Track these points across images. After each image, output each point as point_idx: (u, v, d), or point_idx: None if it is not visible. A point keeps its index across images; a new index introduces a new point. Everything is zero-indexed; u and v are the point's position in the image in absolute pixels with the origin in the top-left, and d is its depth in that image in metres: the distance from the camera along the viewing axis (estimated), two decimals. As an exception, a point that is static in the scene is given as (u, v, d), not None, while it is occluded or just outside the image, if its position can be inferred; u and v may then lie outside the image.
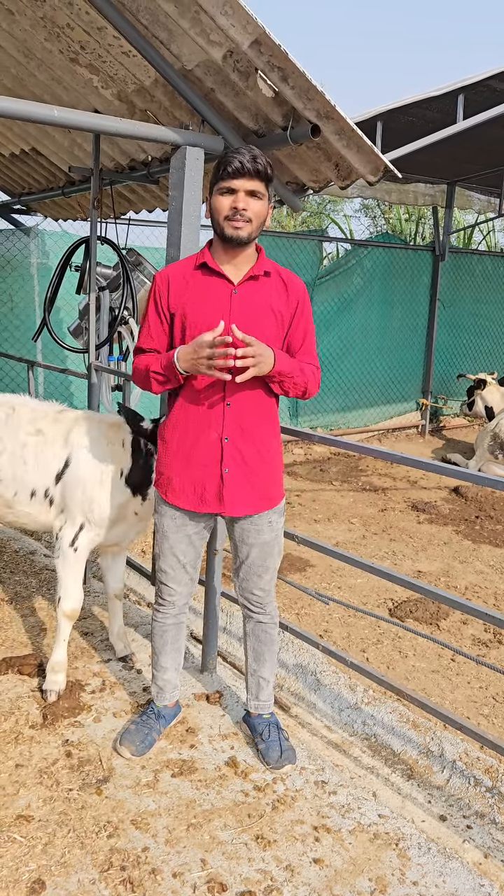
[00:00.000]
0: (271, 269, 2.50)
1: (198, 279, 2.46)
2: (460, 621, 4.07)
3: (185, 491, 2.53)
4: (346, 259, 8.64)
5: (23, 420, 3.18)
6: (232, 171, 2.30)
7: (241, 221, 2.34)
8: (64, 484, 3.07)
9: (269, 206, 2.42)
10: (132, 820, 2.39)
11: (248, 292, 2.44)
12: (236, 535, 2.64)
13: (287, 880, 2.19)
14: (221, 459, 2.47)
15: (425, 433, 9.27)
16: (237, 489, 2.50)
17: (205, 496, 2.51)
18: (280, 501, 2.64)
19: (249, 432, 2.48)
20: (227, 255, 2.44)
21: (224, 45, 2.67)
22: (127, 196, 4.89)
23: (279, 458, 2.63)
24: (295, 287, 2.52)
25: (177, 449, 2.53)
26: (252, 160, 2.29)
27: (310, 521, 5.72)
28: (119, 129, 2.87)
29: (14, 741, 2.76)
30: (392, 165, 2.91)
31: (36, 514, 3.14)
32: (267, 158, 2.35)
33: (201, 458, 2.49)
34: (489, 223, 13.39)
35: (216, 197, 2.36)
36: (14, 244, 6.45)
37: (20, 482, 3.12)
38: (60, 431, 3.14)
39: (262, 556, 2.64)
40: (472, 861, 2.34)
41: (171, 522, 2.61)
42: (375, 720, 3.04)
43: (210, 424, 2.46)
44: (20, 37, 3.21)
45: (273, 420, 2.58)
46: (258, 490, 2.54)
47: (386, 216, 15.05)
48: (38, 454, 3.11)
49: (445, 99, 5.46)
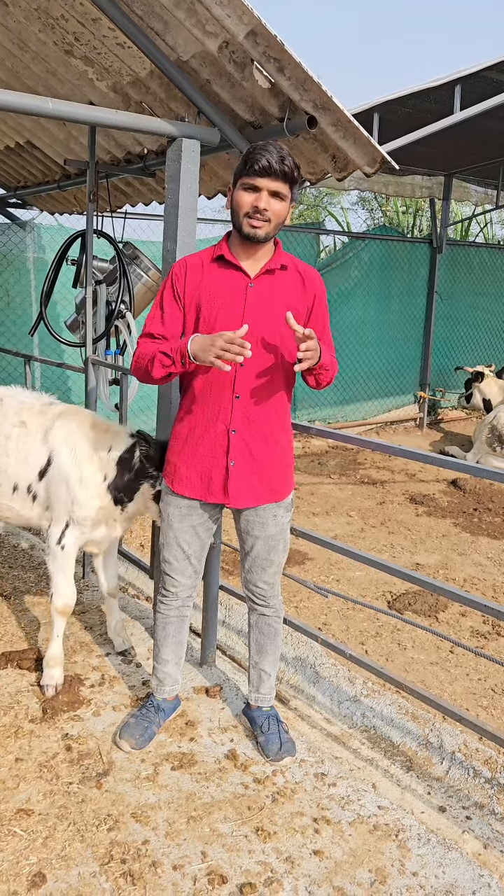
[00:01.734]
0: (288, 262, 2.49)
1: (214, 271, 2.45)
2: (459, 613, 4.08)
3: (191, 480, 2.54)
4: (344, 252, 8.62)
5: (9, 411, 3.16)
6: (259, 170, 2.27)
7: (261, 221, 2.33)
8: (48, 481, 3.04)
9: (290, 206, 2.40)
10: (132, 813, 2.40)
11: (264, 286, 2.43)
12: (241, 526, 2.64)
13: (287, 872, 2.20)
14: (228, 451, 2.47)
15: (423, 426, 9.26)
16: (242, 481, 2.50)
17: (211, 486, 2.51)
18: (287, 496, 2.63)
19: (257, 425, 2.48)
20: (244, 250, 2.43)
21: (220, 36, 2.65)
22: (123, 189, 4.87)
23: (289, 453, 2.62)
24: (311, 280, 2.52)
25: (185, 439, 2.54)
26: (280, 161, 2.26)
27: (308, 515, 5.72)
28: (114, 122, 2.85)
29: (14, 735, 2.77)
30: (389, 157, 2.90)
31: (19, 508, 3.12)
32: (294, 160, 2.32)
33: (208, 449, 2.49)
34: (486, 215, 13.37)
35: (239, 191, 2.34)
36: (10, 238, 6.43)
37: (3, 474, 3.10)
38: (42, 426, 3.10)
39: (266, 549, 2.64)
40: (471, 852, 2.35)
41: (177, 512, 2.61)
42: (375, 712, 3.05)
43: (218, 416, 2.46)
44: (14, 28, 3.19)
45: (283, 414, 2.57)
46: (265, 483, 2.54)
47: (383, 209, 15.02)
48: (20, 447, 3.08)
49: (443, 90, 5.44)
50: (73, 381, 6.71)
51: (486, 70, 5.30)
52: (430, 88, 5.47)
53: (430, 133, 5.20)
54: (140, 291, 4.62)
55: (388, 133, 5.50)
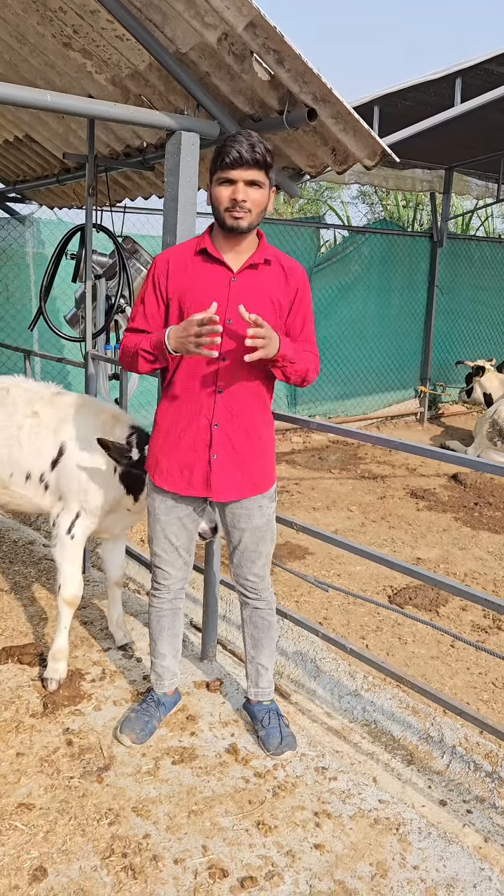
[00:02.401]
0: (272, 256, 2.48)
1: (197, 265, 2.44)
2: (459, 607, 4.08)
3: (171, 474, 2.54)
4: (344, 246, 8.60)
5: (19, 401, 3.19)
6: (230, 162, 2.26)
7: (241, 212, 2.32)
8: (59, 471, 3.08)
9: (269, 191, 2.39)
10: (133, 807, 2.40)
11: (247, 280, 2.42)
12: (227, 519, 2.64)
13: (288, 866, 2.20)
14: (210, 445, 2.47)
15: (424, 420, 9.25)
16: (225, 475, 2.50)
17: (192, 480, 2.51)
18: (270, 487, 2.63)
19: (240, 419, 2.48)
20: (227, 242, 2.42)
21: (219, 28, 2.63)
22: (122, 183, 4.85)
23: (270, 446, 2.62)
24: (295, 274, 2.50)
25: (167, 432, 2.54)
26: (250, 149, 2.25)
27: (309, 509, 5.72)
28: (113, 114, 2.84)
29: (15, 730, 2.77)
30: (389, 150, 2.89)
31: (31, 496, 3.17)
32: (266, 145, 2.31)
33: (190, 443, 2.49)
34: (487, 209, 13.33)
35: (215, 187, 2.34)
36: (9, 233, 6.41)
37: (15, 464, 3.14)
38: (55, 416, 3.14)
39: (253, 541, 2.64)
40: (472, 845, 2.35)
41: (162, 505, 2.61)
42: (375, 706, 3.05)
43: (200, 410, 2.46)
44: (12, 21, 3.17)
45: (264, 407, 2.57)
46: (247, 476, 2.54)
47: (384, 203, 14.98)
48: (33, 437, 3.12)
49: (443, 82, 5.41)
50: (73, 375, 6.70)
51: (487, 62, 5.27)
52: (431, 81, 5.45)
53: (431, 126, 5.17)
54: (140, 285, 4.60)
55: (388, 126, 5.47)
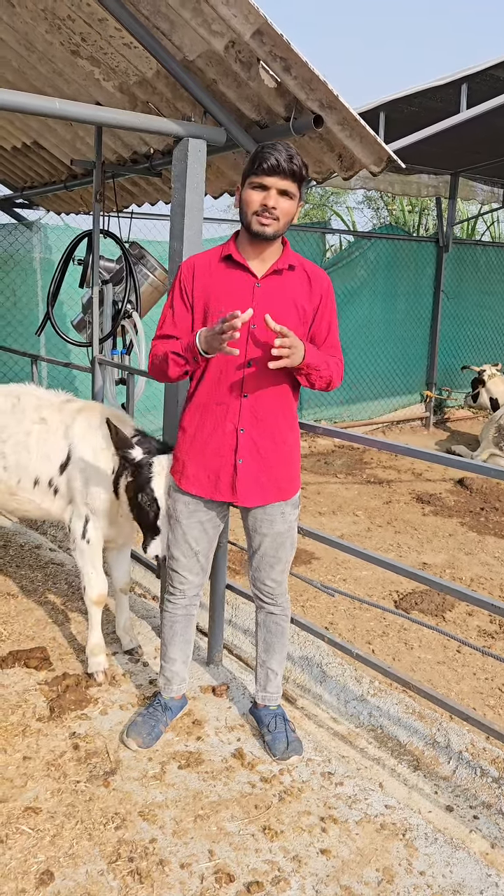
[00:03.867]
0: (296, 262, 2.50)
1: (222, 271, 2.46)
2: (466, 613, 4.07)
3: (198, 478, 2.55)
4: (350, 251, 8.60)
5: (28, 408, 3.23)
6: (267, 168, 2.28)
7: (270, 219, 2.34)
8: (68, 475, 3.12)
9: (298, 204, 2.41)
10: (140, 811, 2.40)
11: (272, 286, 2.44)
12: (249, 524, 2.65)
13: (294, 871, 2.20)
14: (236, 449, 2.48)
15: (430, 425, 9.24)
16: (250, 480, 2.50)
17: (218, 485, 2.52)
18: (294, 494, 2.64)
19: (265, 424, 2.49)
20: (252, 248, 2.44)
21: (226, 36, 2.65)
22: (129, 189, 4.88)
23: (296, 451, 2.63)
24: (319, 281, 2.52)
25: (193, 437, 2.55)
26: (288, 160, 2.28)
27: (315, 514, 5.72)
28: (121, 121, 2.86)
29: (21, 734, 2.78)
30: (395, 155, 2.90)
31: (39, 501, 3.21)
32: (303, 158, 2.33)
33: (216, 448, 2.50)
34: (493, 214, 13.33)
35: (248, 190, 2.35)
36: (17, 238, 6.44)
37: (24, 470, 3.19)
38: (63, 421, 3.18)
39: (274, 546, 2.65)
40: (478, 851, 2.35)
41: (185, 508, 2.62)
42: (381, 711, 3.05)
43: (226, 415, 2.47)
44: (21, 29, 3.20)
45: (290, 413, 2.58)
46: (272, 481, 2.55)
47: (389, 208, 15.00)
48: (42, 443, 3.17)
49: (449, 89, 5.43)
50: (80, 380, 6.72)
51: (493, 68, 5.28)
52: (437, 87, 5.46)
53: (437, 132, 5.19)
54: (146, 291, 4.63)
55: (394, 132, 5.50)
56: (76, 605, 3.85)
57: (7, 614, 3.73)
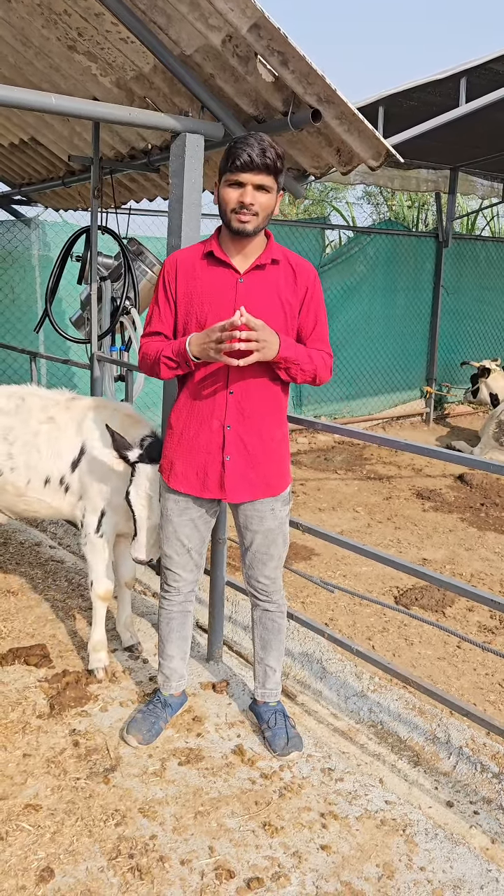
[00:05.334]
0: (280, 256, 2.48)
1: (204, 267, 2.45)
2: (466, 608, 4.07)
3: (187, 476, 2.54)
4: (349, 247, 8.58)
5: (34, 408, 3.24)
6: (241, 165, 2.26)
7: (248, 215, 2.32)
8: (81, 472, 3.13)
9: (277, 196, 2.39)
10: (140, 808, 2.40)
11: (255, 281, 2.43)
12: (240, 521, 2.64)
13: (295, 867, 2.20)
14: (223, 446, 2.47)
15: (430, 421, 9.23)
16: (238, 476, 2.50)
17: (207, 482, 2.52)
18: (284, 490, 2.63)
19: (252, 420, 2.48)
20: (234, 245, 2.43)
21: (223, 30, 2.64)
22: (127, 185, 4.86)
23: (284, 447, 2.62)
24: (304, 274, 2.50)
25: (181, 435, 2.54)
26: (261, 154, 2.25)
27: (314, 510, 5.71)
28: (118, 117, 2.85)
29: (21, 731, 2.78)
30: (394, 150, 2.88)
31: (50, 500, 3.22)
32: (277, 149, 2.30)
33: (204, 445, 2.49)
34: (493, 209, 13.30)
35: (224, 188, 2.34)
36: (15, 235, 6.43)
37: (34, 470, 3.19)
38: (74, 419, 3.19)
39: (265, 543, 2.64)
40: (479, 846, 2.35)
41: (175, 506, 2.62)
42: (382, 707, 3.05)
43: (213, 412, 2.46)
44: (17, 24, 3.19)
45: (278, 409, 2.56)
46: (261, 477, 2.54)
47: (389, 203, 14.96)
48: (52, 442, 3.17)
49: (448, 83, 5.40)
50: (79, 377, 6.71)
51: (492, 62, 5.25)
52: (435, 81, 5.43)
53: (436, 126, 5.16)
54: (145, 287, 4.62)
55: (393, 127, 5.46)
56: (76, 602, 3.85)
57: (7, 611, 3.73)
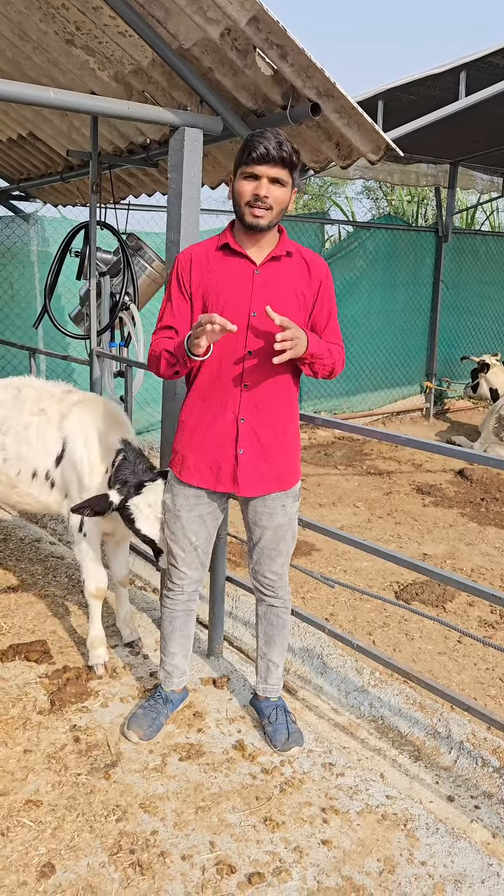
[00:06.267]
0: (293, 249, 2.49)
1: (220, 259, 2.45)
2: (466, 603, 4.07)
3: (199, 469, 2.53)
4: (349, 241, 8.57)
5: (28, 399, 3.23)
6: (257, 157, 2.26)
7: (262, 209, 2.32)
8: (63, 468, 3.11)
9: (292, 191, 2.39)
10: (141, 804, 2.41)
11: (271, 273, 2.43)
12: (249, 516, 2.64)
13: (296, 861, 2.20)
14: (237, 440, 2.47)
15: (430, 416, 9.23)
16: (251, 470, 2.50)
17: (220, 476, 2.51)
18: (294, 485, 2.63)
19: (266, 414, 2.48)
20: (248, 238, 2.43)
21: (222, 23, 2.62)
22: (126, 180, 4.85)
23: (296, 442, 2.62)
24: (317, 267, 2.51)
25: (193, 428, 2.53)
26: (277, 147, 2.25)
27: (315, 506, 5.71)
28: (116, 111, 2.83)
29: (22, 727, 2.78)
30: (393, 144, 2.87)
31: (37, 493, 3.20)
32: (293, 144, 2.31)
33: (217, 439, 2.49)
34: (492, 203, 13.26)
35: (239, 181, 2.34)
36: (13, 231, 6.41)
37: (23, 461, 3.18)
38: (60, 412, 3.17)
39: (274, 539, 2.64)
40: (480, 841, 2.35)
41: (185, 502, 2.60)
42: (382, 702, 3.05)
43: (226, 405, 2.46)
44: (15, 18, 3.17)
45: (291, 403, 2.57)
46: (273, 471, 2.54)
47: (388, 198, 14.93)
48: (40, 434, 3.16)
49: (447, 76, 5.38)
50: (79, 373, 6.70)
51: (492, 55, 5.23)
52: (435, 75, 5.41)
53: (435, 120, 5.14)
54: (144, 283, 4.61)
55: (392, 121, 5.44)
56: (76, 598, 3.85)
57: (7, 607, 3.73)
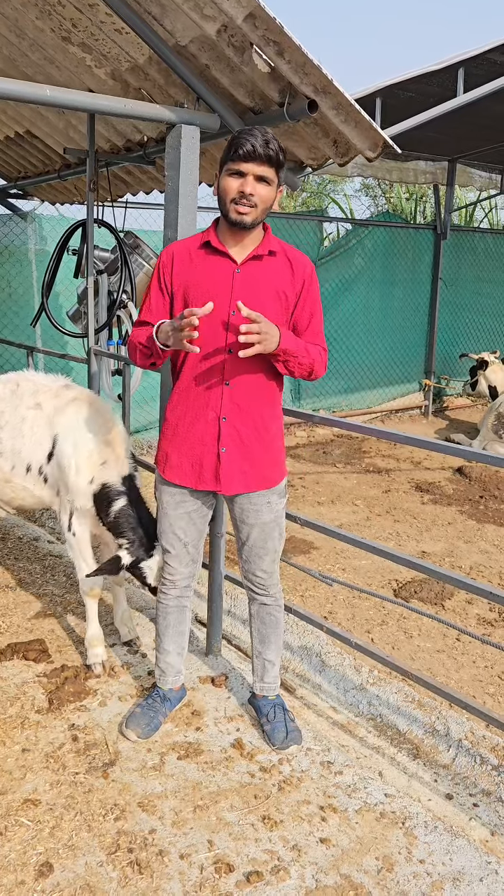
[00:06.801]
0: (277, 248, 2.47)
1: (201, 258, 2.44)
2: (465, 601, 4.07)
3: (182, 468, 2.54)
4: (347, 239, 8.56)
5: (25, 393, 3.23)
6: (243, 154, 2.26)
7: (247, 207, 2.32)
8: (53, 465, 3.11)
9: (277, 190, 2.39)
10: (139, 802, 2.40)
11: (251, 272, 2.42)
12: (236, 515, 2.64)
13: (294, 860, 2.20)
14: (219, 438, 2.47)
15: (428, 414, 9.22)
16: (233, 468, 2.49)
17: (202, 474, 2.51)
18: (279, 483, 2.63)
19: (248, 412, 2.47)
20: (232, 236, 2.42)
21: (218, 20, 2.61)
22: (124, 178, 4.84)
23: (279, 440, 2.62)
24: (301, 267, 2.49)
25: (175, 426, 2.54)
26: (264, 145, 2.25)
27: (313, 504, 5.71)
28: (112, 108, 2.82)
29: (20, 726, 2.77)
30: (391, 141, 2.86)
31: (31, 488, 3.21)
32: (280, 143, 2.31)
33: (199, 437, 2.49)
34: (491, 200, 13.25)
35: (225, 178, 2.33)
36: (11, 229, 6.40)
37: (18, 455, 3.18)
38: (54, 409, 3.16)
39: (262, 537, 2.64)
40: (478, 839, 2.35)
41: (171, 499, 2.61)
42: (381, 700, 3.04)
43: (208, 404, 2.46)
44: (11, 16, 3.16)
45: (274, 402, 2.56)
46: (256, 469, 2.53)
47: (387, 196, 14.91)
48: (34, 428, 3.15)
49: (445, 73, 5.37)
50: (77, 372, 6.69)
51: (490, 52, 5.22)
52: (433, 72, 5.40)
53: (433, 117, 5.13)
54: (142, 281, 4.60)
55: (390, 118, 5.44)
56: (75, 597, 3.85)
57: (5, 606, 3.72)
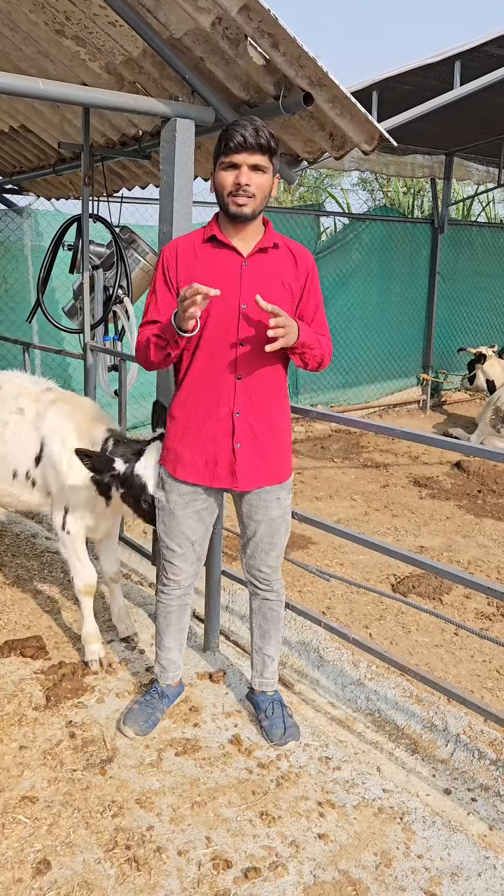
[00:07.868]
0: (279, 241, 2.48)
1: (207, 252, 2.43)
2: (463, 596, 4.06)
3: (195, 465, 2.52)
4: (344, 234, 8.54)
5: (7, 397, 3.20)
6: (234, 146, 2.25)
7: (245, 197, 2.31)
8: (43, 467, 3.10)
9: (273, 177, 2.38)
10: (137, 799, 2.40)
11: (259, 264, 2.42)
12: (244, 511, 2.62)
13: (292, 856, 2.19)
14: (233, 434, 2.45)
15: (426, 408, 9.22)
16: (248, 464, 2.48)
17: (217, 471, 2.50)
18: (288, 478, 2.63)
19: (260, 407, 2.47)
20: (234, 229, 2.41)
21: (212, 12, 2.59)
22: (119, 173, 4.81)
23: (288, 435, 2.62)
24: (304, 259, 2.50)
25: (186, 424, 2.51)
26: (254, 133, 2.25)
27: (311, 499, 5.70)
28: (107, 102, 2.81)
29: (17, 723, 2.77)
30: (388, 134, 2.84)
31: (18, 493, 3.19)
32: (270, 130, 2.30)
33: (212, 434, 2.47)
34: (488, 194, 13.23)
35: (219, 172, 2.33)
36: (7, 225, 6.37)
37: (2, 461, 3.16)
38: (38, 412, 3.14)
39: (269, 533, 2.63)
40: (476, 834, 2.35)
41: (180, 499, 2.58)
42: (379, 696, 3.04)
43: (220, 399, 2.44)
44: (4, 9, 3.13)
45: (282, 395, 2.57)
46: (269, 464, 2.53)
47: (384, 190, 14.86)
48: (18, 433, 3.13)
49: (442, 66, 5.35)
50: (73, 367, 6.67)
51: (486, 45, 5.20)
52: (430, 65, 5.38)
53: (430, 110, 5.10)
54: (138, 276, 4.58)
55: (387, 111, 5.40)
56: (72, 593, 3.83)
57: (3, 603, 3.71)
